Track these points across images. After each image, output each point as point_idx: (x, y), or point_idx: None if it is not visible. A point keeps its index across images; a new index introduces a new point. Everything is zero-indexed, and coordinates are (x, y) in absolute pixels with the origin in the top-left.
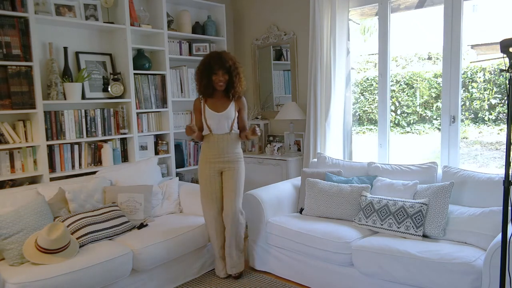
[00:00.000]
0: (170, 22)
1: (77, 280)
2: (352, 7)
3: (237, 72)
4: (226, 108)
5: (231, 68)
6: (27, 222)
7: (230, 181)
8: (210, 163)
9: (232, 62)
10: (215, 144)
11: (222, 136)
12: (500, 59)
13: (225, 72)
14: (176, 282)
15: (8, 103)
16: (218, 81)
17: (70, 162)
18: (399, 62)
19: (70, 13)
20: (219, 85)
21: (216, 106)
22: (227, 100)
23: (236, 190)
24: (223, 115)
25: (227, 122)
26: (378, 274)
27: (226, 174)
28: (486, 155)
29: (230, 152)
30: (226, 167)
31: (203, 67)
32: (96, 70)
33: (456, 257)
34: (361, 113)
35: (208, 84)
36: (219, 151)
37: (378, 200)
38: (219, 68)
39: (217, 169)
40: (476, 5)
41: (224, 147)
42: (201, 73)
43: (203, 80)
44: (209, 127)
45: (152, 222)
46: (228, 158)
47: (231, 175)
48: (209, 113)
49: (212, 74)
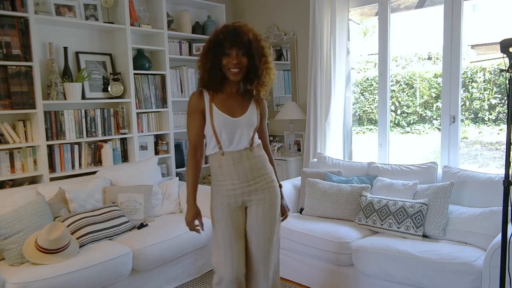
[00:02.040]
0: (170, 22)
1: (77, 280)
2: (352, 7)
3: (262, 54)
4: (245, 111)
5: (252, 45)
6: (27, 222)
7: (261, 222)
8: (229, 197)
9: (253, 37)
10: (231, 168)
11: (240, 153)
12: (500, 59)
13: (242, 52)
14: (176, 282)
15: (8, 103)
16: (232, 65)
17: (70, 162)
18: (399, 62)
19: (70, 13)
20: (232, 73)
21: (230, 107)
22: (244, 99)
23: (272, 238)
24: (242, 121)
25: (248, 132)
26: (378, 274)
27: (253, 210)
28: (486, 155)
29: (258, 175)
30: (253, 199)
31: (209, 44)
32: (96, 70)
33: (456, 257)
34: (361, 113)
35: (215, 71)
36: (241, 175)
37: (378, 200)
38: (232, 45)
39: (239, 204)
40: (476, 5)
41: (247, 168)
42: (205, 53)
43: (207, 64)
44: (219, 140)
45: (152, 222)
46: (255, 184)
47: (263, 211)
48: (220, 118)
49: (223, 56)
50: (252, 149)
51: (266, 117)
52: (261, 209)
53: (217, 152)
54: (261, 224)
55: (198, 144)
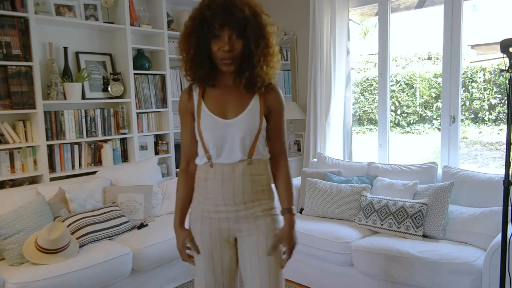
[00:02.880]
0: (170, 22)
1: (77, 280)
2: (352, 7)
3: (261, 35)
4: (243, 109)
5: (248, 22)
6: (27, 222)
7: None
8: (210, 220)
9: (250, 11)
10: (217, 185)
11: (233, 167)
12: (500, 59)
13: (237, 33)
14: (176, 282)
15: (8, 103)
16: (223, 54)
17: (70, 162)
18: (399, 62)
19: (70, 13)
20: (224, 62)
21: (223, 106)
22: (245, 92)
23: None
24: (236, 124)
25: (243, 139)
26: (378, 274)
27: (244, 246)
28: (486, 155)
29: (252, 199)
30: (243, 230)
31: (192, 23)
32: (96, 70)
33: (456, 257)
34: (361, 113)
35: (201, 59)
36: (228, 197)
37: (378, 200)
38: (223, 25)
39: (224, 231)
40: (476, 5)
41: (237, 189)
42: (187, 36)
43: (190, 50)
44: (207, 149)
45: (152, 222)
46: (246, 210)
47: (257, 248)
48: (207, 120)
49: (212, 38)
50: (251, 163)
51: (282, 113)
52: (253, 245)
53: (206, 163)
54: (255, 265)
55: (190, 154)
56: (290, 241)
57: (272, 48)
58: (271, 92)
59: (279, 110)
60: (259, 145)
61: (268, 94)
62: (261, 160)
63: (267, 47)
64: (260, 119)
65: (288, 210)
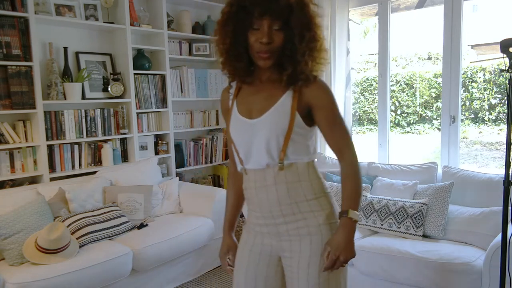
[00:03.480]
0: (170, 22)
1: (77, 280)
2: (352, 7)
3: (307, 27)
4: (268, 108)
5: (293, 11)
6: (27, 222)
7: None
8: (254, 233)
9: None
10: (253, 193)
11: (264, 173)
12: (500, 59)
13: (278, 22)
14: (176, 282)
15: (8, 103)
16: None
17: (70, 162)
18: (399, 62)
19: (70, 13)
20: (261, 57)
21: (252, 104)
22: (277, 88)
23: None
24: (259, 125)
25: (268, 140)
26: (378, 274)
27: (287, 269)
28: (486, 155)
29: (291, 212)
30: (286, 249)
31: (229, 9)
32: (96, 70)
33: (456, 257)
34: (361, 113)
35: (239, 51)
36: (264, 207)
37: (378, 200)
38: (264, 12)
39: (267, 248)
40: (476, 5)
41: (272, 199)
42: (223, 24)
43: (226, 39)
44: (238, 153)
45: (152, 222)
46: (286, 224)
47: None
48: (234, 121)
49: (249, 28)
50: (282, 168)
51: (329, 106)
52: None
53: (241, 169)
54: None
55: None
56: (336, 250)
57: (320, 42)
58: (311, 84)
59: (323, 103)
60: (293, 147)
61: (306, 87)
62: (299, 164)
63: (313, 40)
64: (291, 117)
65: (344, 213)
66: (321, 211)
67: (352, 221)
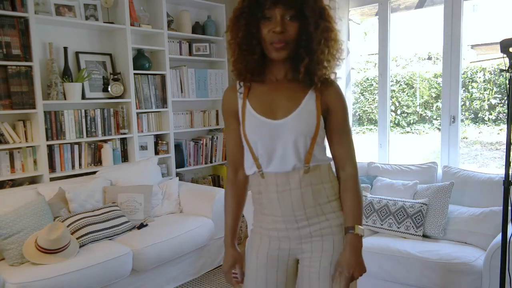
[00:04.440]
0: (170, 22)
1: (77, 280)
2: (352, 7)
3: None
4: (295, 107)
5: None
6: (27, 222)
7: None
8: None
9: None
10: (273, 198)
11: (288, 176)
12: (500, 59)
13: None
14: (176, 282)
15: (8, 103)
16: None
17: (70, 162)
18: (399, 62)
19: (70, 13)
20: (274, 46)
21: (271, 104)
22: (299, 88)
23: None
24: (287, 125)
25: (296, 142)
26: (378, 274)
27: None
28: (486, 155)
29: (316, 213)
30: (306, 251)
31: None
32: (96, 70)
33: (456, 257)
34: (361, 113)
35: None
36: (287, 211)
37: (378, 200)
38: (275, 3)
39: (285, 252)
40: (476, 5)
41: (296, 202)
42: (236, 18)
43: (239, 33)
44: (256, 156)
45: (152, 222)
46: (309, 226)
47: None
48: (253, 122)
49: (262, 20)
50: (308, 171)
51: (344, 111)
52: (315, 270)
53: (256, 173)
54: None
55: (237, 161)
56: (349, 268)
57: (335, 32)
58: (329, 87)
59: (339, 107)
60: (317, 149)
61: (325, 90)
62: (322, 166)
63: (328, 30)
64: (318, 118)
65: (350, 229)
66: (341, 211)
67: (359, 237)
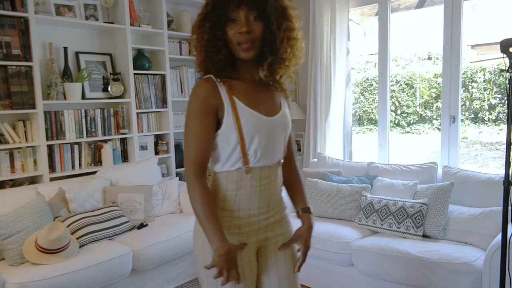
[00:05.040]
0: (170, 22)
1: (77, 280)
2: (352, 7)
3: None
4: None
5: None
6: (27, 222)
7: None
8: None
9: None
10: (255, 191)
11: (270, 170)
12: (500, 59)
13: (255, 14)
14: (176, 282)
15: (8, 103)
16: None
17: (70, 162)
18: (399, 62)
19: (70, 13)
20: (242, 47)
21: (259, 101)
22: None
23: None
24: (279, 122)
25: (284, 138)
26: (378, 274)
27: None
28: (486, 155)
29: (279, 202)
30: (270, 237)
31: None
32: (96, 70)
33: (456, 257)
34: (361, 113)
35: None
36: (263, 202)
37: (378, 200)
38: (239, 5)
39: (253, 246)
40: (476, 5)
41: (273, 193)
42: (201, 22)
43: (204, 35)
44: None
45: (152, 222)
46: (275, 215)
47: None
48: (251, 118)
49: (227, 23)
50: (281, 164)
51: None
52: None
53: (239, 169)
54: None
55: (207, 160)
56: (307, 242)
57: (296, 31)
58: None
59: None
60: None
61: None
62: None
63: (290, 29)
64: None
65: (307, 209)
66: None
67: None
